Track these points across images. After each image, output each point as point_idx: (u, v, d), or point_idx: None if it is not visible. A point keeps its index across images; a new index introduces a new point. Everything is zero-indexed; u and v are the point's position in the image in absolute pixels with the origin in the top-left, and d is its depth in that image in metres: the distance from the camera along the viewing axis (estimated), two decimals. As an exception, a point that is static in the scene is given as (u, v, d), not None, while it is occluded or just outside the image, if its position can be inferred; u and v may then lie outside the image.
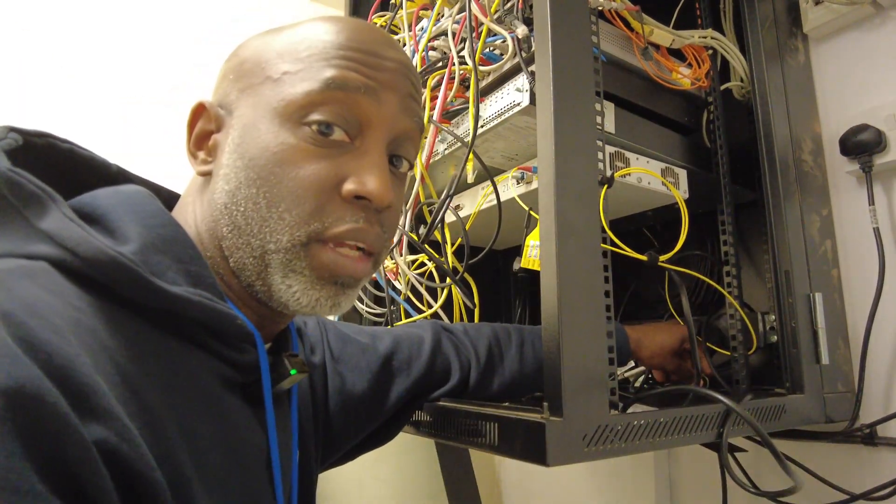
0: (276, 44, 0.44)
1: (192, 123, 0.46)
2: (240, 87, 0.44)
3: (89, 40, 1.32)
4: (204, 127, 0.45)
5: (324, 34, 0.43)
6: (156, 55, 1.37)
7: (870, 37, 0.82)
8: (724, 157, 0.78)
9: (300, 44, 0.43)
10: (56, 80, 1.28)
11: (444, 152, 0.80)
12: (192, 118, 0.46)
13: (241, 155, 0.42)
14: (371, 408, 0.61)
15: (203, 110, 0.46)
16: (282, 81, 0.42)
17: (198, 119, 0.46)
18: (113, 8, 1.36)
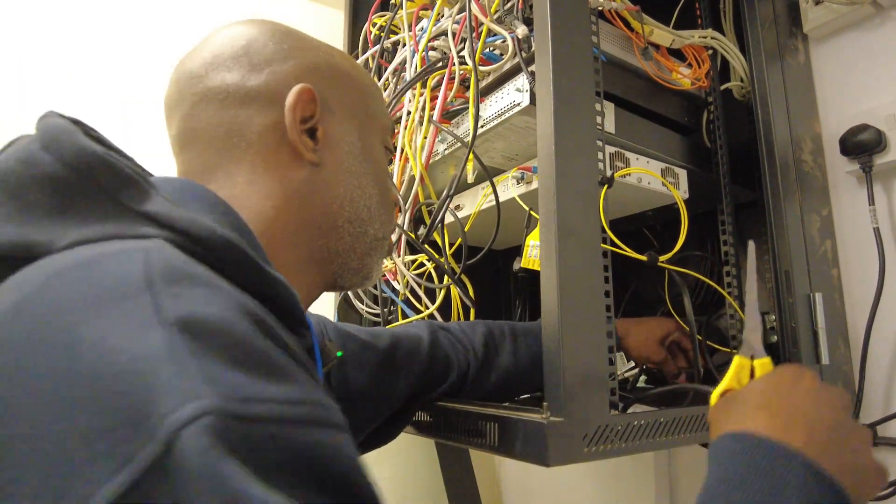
0: (350, 65, 0.51)
1: (298, 106, 0.44)
2: (337, 93, 0.48)
3: (89, 40, 1.32)
4: (306, 113, 0.45)
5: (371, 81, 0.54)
6: (156, 55, 1.37)
7: (870, 37, 0.82)
8: (724, 157, 0.78)
9: (367, 77, 0.53)
10: (56, 80, 1.28)
11: (443, 152, 0.80)
12: (299, 102, 0.44)
13: (366, 160, 0.50)
14: (373, 404, 0.61)
15: (311, 97, 0.45)
16: (373, 110, 0.52)
17: (304, 103, 0.45)
18: (113, 8, 1.36)
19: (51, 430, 0.22)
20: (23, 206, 0.33)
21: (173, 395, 0.23)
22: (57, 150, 0.34)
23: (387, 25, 0.94)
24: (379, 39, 0.95)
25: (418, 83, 0.80)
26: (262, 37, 0.46)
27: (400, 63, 0.88)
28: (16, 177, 0.33)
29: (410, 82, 0.80)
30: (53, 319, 0.26)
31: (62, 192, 0.33)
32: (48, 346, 0.25)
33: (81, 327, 0.25)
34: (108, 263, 0.29)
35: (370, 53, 0.97)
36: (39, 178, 0.33)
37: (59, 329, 0.25)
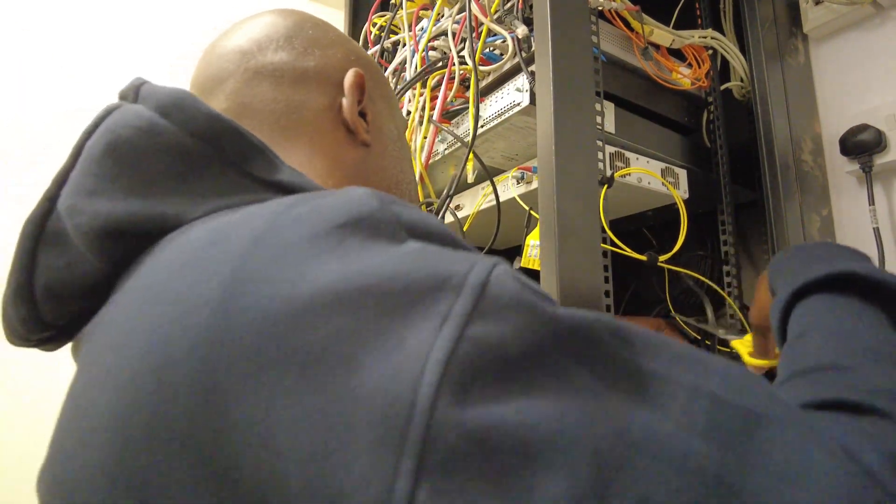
0: (370, 57, 0.52)
1: (354, 90, 0.45)
2: (374, 83, 0.49)
3: (89, 40, 1.32)
4: (357, 98, 0.45)
5: None
6: (156, 55, 1.37)
7: (870, 37, 0.82)
8: (724, 157, 0.78)
9: (384, 76, 0.53)
10: (56, 80, 1.28)
11: (444, 152, 0.80)
12: (355, 85, 0.45)
13: (403, 146, 0.51)
14: None
15: (363, 81, 0.45)
16: (396, 107, 0.53)
17: (359, 86, 0.45)
18: (113, 8, 1.36)
19: (372, 323, 0.22)
20: (146, 178, 0.31)
21: (460, 263, 0.23)
22: (180, 117, 0.32)
23: (387, 25, 0.94)
24: (379, 39, 0.95)
25: (418, 83, 0.80)
26: (307, 23, 0.47)
27: (400, 63, 0.88)
28: (132, 146, 0.32)
29: (410, 82, 0.80)
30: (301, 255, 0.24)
31: (187, 161, 0.32)
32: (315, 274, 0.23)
33: (333, 256, 0.24)
34: (322, 201, 0.27)
35: (370, 53, 0.97)
36: (163, 147, 0.32)
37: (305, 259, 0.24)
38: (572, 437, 0.20)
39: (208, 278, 0.25)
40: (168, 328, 0.24)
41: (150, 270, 0.28)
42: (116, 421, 0.24)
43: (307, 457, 0.20)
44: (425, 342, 0.21)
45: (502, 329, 0.22)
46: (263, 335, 0.22)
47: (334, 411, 0.20)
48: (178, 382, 0.23)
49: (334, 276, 0.23)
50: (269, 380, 0.21)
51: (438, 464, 0.19)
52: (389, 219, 0.26)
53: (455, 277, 0.23)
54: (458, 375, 0.20)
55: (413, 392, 0.20)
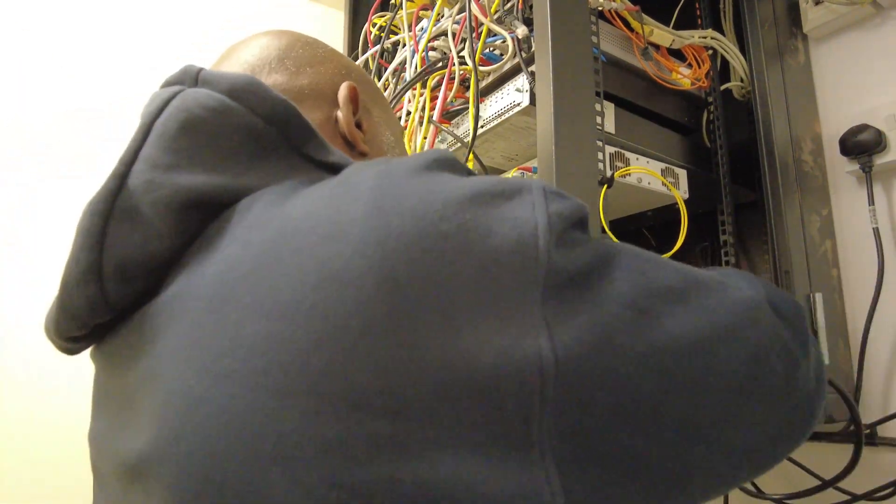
0: (360, 68, 0.54)
1: (349, 103, 0.47)
2: (367, 94, 0.51)
3: (89, 40, 1.32)
4: (352, 110, 0.48)
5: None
6: (156, 56, 1.37)
7: (870, 37, 0.82)
8: (724, 157, 0.78)
9: (376, 85, 0.56)
10: (56, 80, 1.28)
11: (444, 152, 0.80)
12: (350, 99, 0.48)
13: (401, 154, 0.52)
14: None
15: (356, 94, 0.48)
16: (391, 113, 0.55)
17: (353, 99, 0.48)
18: (113, 9, 1.36)
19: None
20: (221, 154, 0.35)
21: (522, 180, 0.32)
22: (250, 101, 0.36)
23: (387, 26, 0.94)
24: (379, 40, 0.95)
25: (418, 83, 0.80)
26: (297, 43, 0.49)
27: (400, 63, 0.88)
28: (207, 125, 0.35)
29: (410, 82, 0.80)
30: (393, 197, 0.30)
31: (257, 140, 0.36)
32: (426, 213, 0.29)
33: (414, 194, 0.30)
34: (412, 155, 0.34)
35: (370, 54, 0.97)
36: (236, 126, 0.35)
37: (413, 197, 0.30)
38: (620, 258, 0.32)
39: (352, 202, 0.30)
40: (325, 245, 0.28)
41: (265, 223, 0.32)
42: (277, 340, 0.27)
43: (473, 307, 0.27)
44: (530, 218, 0.30)
45: (565, 206, 0.31)
46: (419, 226, 0.28)
47: (486, 270, 0.28)
48: (348, 283, 0.27)
49: (452, 186, 0.30)
50: (433, 258, 0.27)
51: (556, 291, 0.29)
52: (459, 162, 0.34)
53: (525, 185, 0.32)
54: (557, 233, 0.30)
55: (535, 248, 0.29)
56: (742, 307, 0.36)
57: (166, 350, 0.30)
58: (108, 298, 0.33)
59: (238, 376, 0.27)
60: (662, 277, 0.33)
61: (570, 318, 0.28)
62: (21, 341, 1.16)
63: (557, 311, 0.28)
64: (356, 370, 0.26)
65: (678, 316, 0.32)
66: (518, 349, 0.27)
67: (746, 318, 0.36)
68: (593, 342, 0.28)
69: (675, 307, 0.32)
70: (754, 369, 0.35)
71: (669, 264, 0.36)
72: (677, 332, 0.31)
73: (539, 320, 0.28)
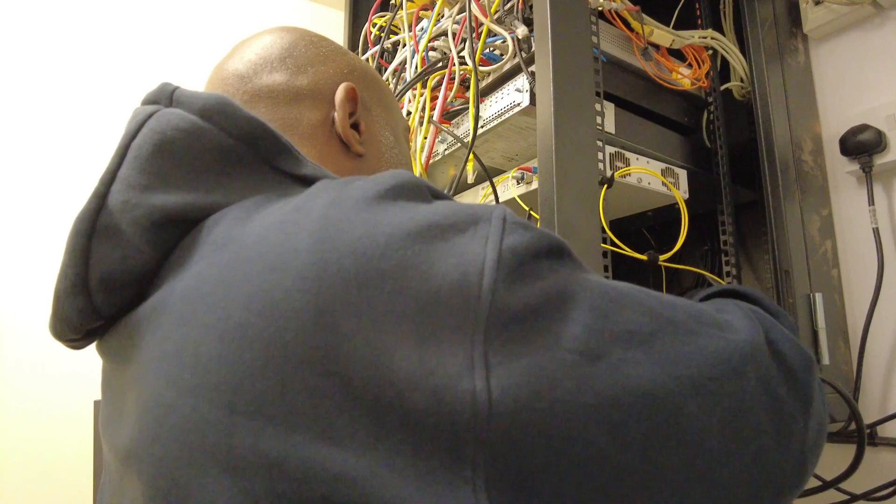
0: (374, 70, 0.54)
1: (346, 102, 0.48)
2: (370, 94, 0.51)
3: (89, 40, 1.32)
4: (349, 111, 0.48)
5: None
6: (156, 56, 1.37)
7: (870, 37, 0.82)
8: (724, 157, 0.78)
9: (382, 82, 0.55)
10: (56, 79, 1.28)
11: (444, 153, 0.80)
12: (347, 98, 0.48)
13: (400, 153, 0.53)
14: None
15: (354, 94, 0.48)
16: (396, 111, 0.55)
17: (350, 100, 0.48)
18: (113, 10, 1.36)
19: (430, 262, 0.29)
20: (193, 174, 0.36)
21: (482, 208, 0.32)
22: (221, 121, 0.37)
23: (387, 26, 0.94)
24: (379, 40, 0.95)
25: (418, 83, 0.80)
26: (301, 41, 0.49)
27: (400, 63, 0.88)
28: (179, 146, 0.36)
29: (410, 82, 0.80)
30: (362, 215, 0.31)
31: (228, 159, 0.37)
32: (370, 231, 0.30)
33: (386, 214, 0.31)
34: (371, 177, 0.34)
35: (370, 54, 0.97)
36: (207, 147, 0.36)
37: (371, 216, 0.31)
38: (581, 296, 0.31)
39: (298, 232, 0.30)
40: (270, 275, 0.29)
41: (226, 243, 0.33)
42: (228, 361, 0.28)
43: (409, 347, 0.27)
44: (479, 253, 0.29)
45: (524, 239, 0.31)
46: (358, 263, 0.28)
47: (424, 309, 0.28)
48: (287, 315, 0.28)
49: (400, 219, 0.30)
50: (369, 296, 0.28)
51: (498, 332, 0.28)
52: (421, 185, 0.34)
53: (484, 214, 0.31)
54: (506, 270, 0.29)
55: (478, 286, 0.28)
56: (724, 356, 0.33)
57: (147, 357, 0.33)
58: (97, 308, 0.36)
59: (199, 391, 0.29)
60: (627, 320, 0.31)
61: (512, 361, 0.27)
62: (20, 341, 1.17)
63: (500, 352, 0.27)
64: (294, 396, 0.27)
65: (639, 364, 0.30)
66: (453, 390, 0.26)
67: (728, 369, 0.33)
68: (533, 388, 0.27)
69: (637, 353, 0.30)
70: (733, 427, 0.32)
71: (643, 304, 0.33)
72: (634, 382, 0.29)
73: (479, 361, 0.27)
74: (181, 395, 0.29)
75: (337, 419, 0.26)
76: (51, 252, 1.18)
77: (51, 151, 1.24)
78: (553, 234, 0.33)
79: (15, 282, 1.18)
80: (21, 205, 1.21)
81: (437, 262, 0.29)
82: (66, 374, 1.18)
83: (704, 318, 0.36)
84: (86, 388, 1.16)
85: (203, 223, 0.36)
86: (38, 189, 1.22)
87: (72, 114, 1.28)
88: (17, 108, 1.24)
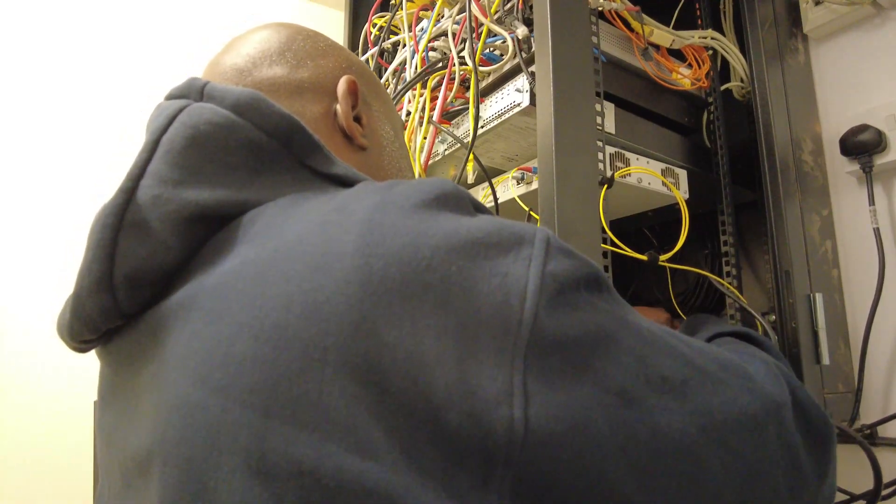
0: (361, 61, 0.53)
1: (348, 95, 0.47)
2: (368, 89, 0.51)
3: (89, 41, 1.32)
4: (351, 103, 0.47)
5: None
6: (157, 57, 1.37)
7: (870, 37, 0.82)
8: (724, 158, 0.78)
9: (377, 78, 0.55)
10: (56, 79, 1.28)
11: (443, 153, 0.79)
12: (349, 92, 0.47)
13: (400, 147, 0.53)
14: None
15: (356, 88, 0.48)
16: (392, 107, 0.55)
17: (352, 93, 0.48)
18: (114, 10, 1.36)
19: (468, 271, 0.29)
20: (226, 170, 0.36)
21: (526, 228, 0.32)
22: (254, 116, 0.36)
23: (387, 26, 0.94)
24: (379, 40, 0.95)
25: (418, 84, 0.80)
26: (298, 36, 0.49)
27: (400, 63, 0.88)
28: (213, 141, 0.35)
29: (410, 83, 0.80)
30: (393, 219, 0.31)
31: (261, 155, 0.36)
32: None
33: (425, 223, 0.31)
34: (415, 182, 0.34)
35: (370, 54, 0.97)
36: (240, 142, 0.36)
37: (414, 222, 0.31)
38: (620, 337, 0.31)
39: (342, 234, 0.30)
40: (312, 275, 0.29)
41: (264, 241, 0.32)
42: (263, 362, 0.27)
43: (448, 364, 0.27)
44: (522, 276, 0.29)
45: (566, 266, 0.31)
46: (403, 273, 0.28)
47: (466, 326, 0.28)
48: (329, 318, 0.27)
49: (446, 231, 0.30)
50: (412, 307, 0.27)
51: (538, 360, 0.28)
52: (465, 197, 0.34)
53: (528, 235, 0.31)
54: (548, 296, 0.29)
55: (521, 311, 0.28)
56: (751, 412, 0.34)
57: (171, 355, 0.31)
58: (120, 306, 0.35)
59: (230, 391, 0.28)
60: (662, 365, 0.31)
61: (551, 392, 0.28)
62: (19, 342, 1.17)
63: (539, 381, 0.28)
64: (331, 403, 0.26)
65: (670, 412, 0.30)
66: (490, 414, 0.26)
67: (753, 424, 0.33)
68: (569, 423, 0.28)
69: (669, 401, 0.31)
70: (750, 483, 0.33)
71: (676, 350, 0.33)
72: (664, 430, 0.30)
73: (518, 388, 0.27)
74: (211, 394, 0.28)
75: (372, 431, 0.26)
76: (51, 253, 1.18)
77: (51, 152, 1.24)
78: (592, 263, 0.33)
79: (15, 282, 1.18)
80: (21, 205, 1.21)
81: (480, 280, 0.28)
82: (66, 375, 1.18)
83: (732, 368, 0.36)
84: (86, 388, 1.16)
85: (239, 219, 0.35)
86: (37, 190, 1.22)
87: (72, 113, 1.28)
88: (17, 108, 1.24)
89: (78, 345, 0.39)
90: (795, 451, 0.36)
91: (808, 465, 0.37)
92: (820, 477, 0.38)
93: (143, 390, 0.33)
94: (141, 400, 0.34)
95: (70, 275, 0.36)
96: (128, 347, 0.36)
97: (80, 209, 1.20)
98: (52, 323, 0.40)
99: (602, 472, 0.28)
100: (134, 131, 1.27)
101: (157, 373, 0.32)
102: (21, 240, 1.19)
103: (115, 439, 0.37)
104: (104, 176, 1.19)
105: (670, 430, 0.30)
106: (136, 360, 0.35)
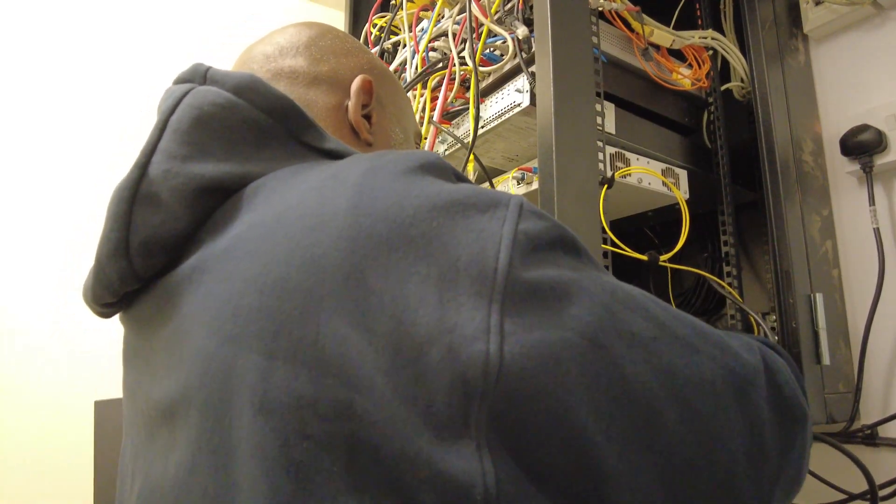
0: (391, 72, 0.56)
1: (360, 92, 0.50)
2: (385, 91, 0.53)
3: (90, 41, 1.32)
4: (362, 101, 0.50)
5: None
6: (157, 56, 1.38)
7: (870, 37, 0.82)
8: (724, 158, 0.78)
9: (400, 85, 0.58)
10: (56, 80, 1.28)
11: (444, 153, 0.80)
12: (362, 89, 0.50)
13: (409, 149, 0.53)
14: None
15: (370, 87, 0.51)
16: (409, 114, 0.58)
17: (365, 91, 0.50)
18: (114, 11, 1.36)
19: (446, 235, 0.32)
20: (229, 146, 0.39)
21: (501, 194, 0.34)
22: (252, 97, 0.40)
23: (387, 26, 0.94)
24: (379, 40, 0.95)
25: (419, 84, 0.80)
26: (329, 34, 0.53)
27: (400, 64, 0.88)
28: (217, 120, 0.39)
29: (411, 83, 0.80)
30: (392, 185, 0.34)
31: (260, 132, 0.40)
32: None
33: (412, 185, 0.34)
34: (402, 152, 0.37)
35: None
36: (241, 120, 0.39)
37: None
38: (588, 288, 0.33)
39: (336, 197, 0.33)
40: (310, 234, 0.32)
41: (266, 207, 0.36)
42: (268, 311, 0.31)
43: (430, 305, 0.30)
44: (496, 232, 0.32)
45: (539, 226, 0.33)
46: (389, 228, 0.31)
47: (446, 275, 0.30)
48: (325, 269, 0.31)
49: (428, 192, 0.33)
50: (397, 258, 0.31)
51: (514, 304, 0.30)
52: (447, 167, 0.37)
53: (503, 200, 0.34)
54: (521, 250, 0.31)
55: (496, 260, 0.31)
56: (709, 378, 0.35)
57: (188, 313, 0.35)
58: (136, 270, 0.38)
59: (240, 339, 0.31)
60: (633, 322, 0.33)
61: (525, 332, 0.30)
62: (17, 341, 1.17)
63: (515, 322, 0.30)
64: (325, 342, 0.29)
65: (634, 363, 0.32)
66: (468, 348, 0.29)
67: (709, 390, 0.35)
68: (541, 360, 0.30)
69: (636, 354, 0.33)
70: (705, 445, 0.34)
71: (649, 311, 0.35)
72: (628, 378, 0.32)
73: (495, 327, 0.29)
74: (224, 343, 0.32)
75: (362, 368, 0.29)
76: (51, 253, 1.18)
77: (51, 152, 1.24)
78: (565, 227, 0.36)
79: (15, 282, 1.18)
80: (21, 205, 1.21)
81: (458, 235, 0.31)
82: (66, 375, 1.18)
83: (710, 338, 0.37)
84: (86, 388, 1.16)
85: (243, 191, 0.38)
86: (37, 190, 1.22)
87: (72, 114, 1.28)
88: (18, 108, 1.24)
89: (101, 308, 0.43)
90: (760, 425, 0.37)
91: (772, 441, 0.38)
92: (782, 455, 0.39)
93: (163, 347, 0.37)
94: (161, 355, 0.37)
95: (70, 275, 0.37)
96: (147, 311, 0.40)
97: (80, 209, 1.20)
98: (52, 323, 0.41)
99: (567, 410, 0.30)
100: (134, 131, 1.27)
101: (177, 329, 0.35)
102: (21, 240, 1.19)
103: (138, 395, 0.40)
104: (104, 176, 1.19)
105: (633, 380, 0.32)
106: (155, 321, 0.38)
